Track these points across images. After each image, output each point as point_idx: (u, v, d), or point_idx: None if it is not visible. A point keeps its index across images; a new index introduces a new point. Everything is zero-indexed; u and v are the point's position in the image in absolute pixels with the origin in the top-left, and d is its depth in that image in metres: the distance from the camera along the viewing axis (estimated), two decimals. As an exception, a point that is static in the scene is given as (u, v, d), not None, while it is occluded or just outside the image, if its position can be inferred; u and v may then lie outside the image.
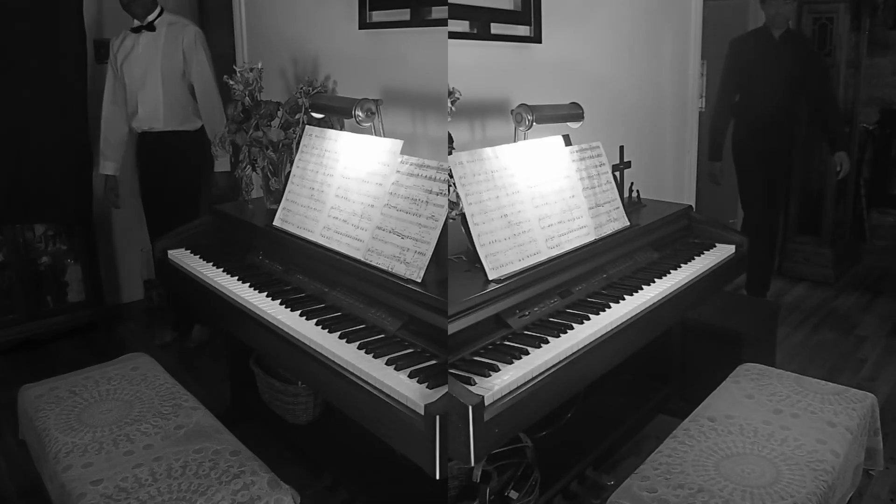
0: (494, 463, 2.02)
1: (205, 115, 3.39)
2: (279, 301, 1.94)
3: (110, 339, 3.76)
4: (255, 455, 1.79)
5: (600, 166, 2.25)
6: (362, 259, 1.87)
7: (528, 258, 1.87)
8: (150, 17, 3.29)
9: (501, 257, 1.81)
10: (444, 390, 1.40)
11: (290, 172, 2.29)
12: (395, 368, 1.54)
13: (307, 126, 2.32)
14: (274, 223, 2.23)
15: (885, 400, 3.03)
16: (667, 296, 2.05)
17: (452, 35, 2.17)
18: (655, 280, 2.11)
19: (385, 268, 1.79)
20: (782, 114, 3.95)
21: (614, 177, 2.31)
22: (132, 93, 3.33)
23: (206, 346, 3.62)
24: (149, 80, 3.31)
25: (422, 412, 1.38)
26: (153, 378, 2.17)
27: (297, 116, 2.48)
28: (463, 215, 1.80)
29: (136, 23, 3.30)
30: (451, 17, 2.19)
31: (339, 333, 1.72)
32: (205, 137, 3.39)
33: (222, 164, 3.31)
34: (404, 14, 2.33)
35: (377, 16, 2.46)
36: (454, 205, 1.83)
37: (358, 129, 2.14)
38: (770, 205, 4.09)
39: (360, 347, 1.64)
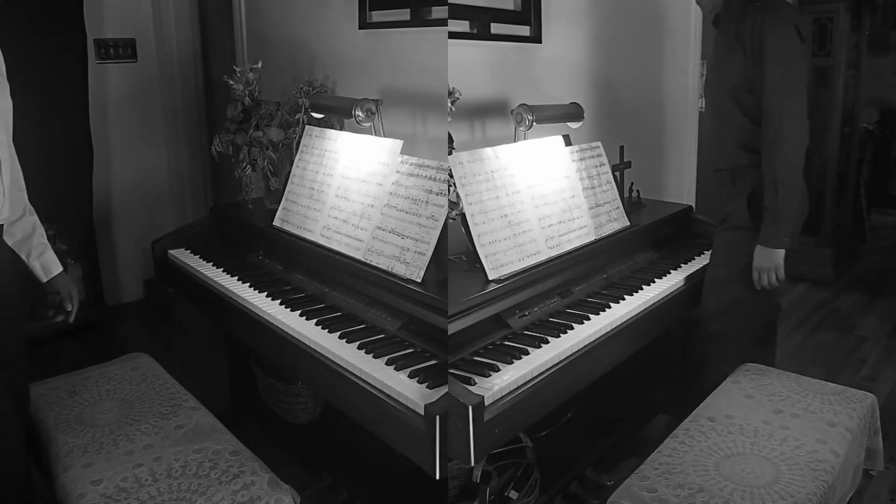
0: (494, 463, 2.02)
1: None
2: (279, 301, 1.95)
3: (110, 339, 3.76)
4: (255, 455, 1.78)
5: (600, 166, 2.25)
6: (362, 259, 1.87)
7: (528, 258, 1.87)
8: None
9: (501, 257, 1.81)
10: (444, 390, 1.41)
11: (290, 172, 2.29)
12: (395, 368, 1.54)
13: (307, 126, 2.32)
14: (274, 223, 2.24)
15: (885, 400, 3.03)
16: (667, 296, 2.05)
17: (452, 35, 2.17)
18: (655, 280, 2.11)
19: (385, 268, 1.79)
20: (723, 159, 2.24)
21: (614, 177, 2.31)
22: None
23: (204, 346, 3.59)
24: None
25: (422, 412, 1.38)
26: (153, 378, 2.17)
27: (297, 116, 2.48)
28: (463, 215, 1.80)
29: None
30: (451, 17, 2.19)
31: (339, 333, 1.72)
32: None
33: (50, 263, 1.92)
34: (404, 14, 2.33)
35: (377, 16, 2.46)
36: (454, 205, 1.83)
37: (358, 129, 2.15)
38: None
39: (360, 347, 1.64)
